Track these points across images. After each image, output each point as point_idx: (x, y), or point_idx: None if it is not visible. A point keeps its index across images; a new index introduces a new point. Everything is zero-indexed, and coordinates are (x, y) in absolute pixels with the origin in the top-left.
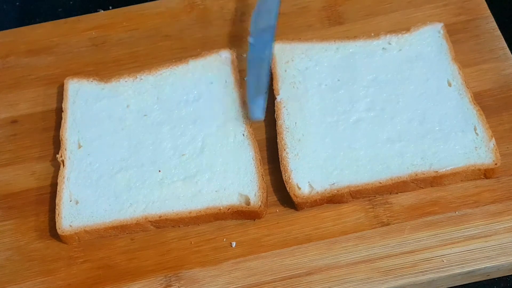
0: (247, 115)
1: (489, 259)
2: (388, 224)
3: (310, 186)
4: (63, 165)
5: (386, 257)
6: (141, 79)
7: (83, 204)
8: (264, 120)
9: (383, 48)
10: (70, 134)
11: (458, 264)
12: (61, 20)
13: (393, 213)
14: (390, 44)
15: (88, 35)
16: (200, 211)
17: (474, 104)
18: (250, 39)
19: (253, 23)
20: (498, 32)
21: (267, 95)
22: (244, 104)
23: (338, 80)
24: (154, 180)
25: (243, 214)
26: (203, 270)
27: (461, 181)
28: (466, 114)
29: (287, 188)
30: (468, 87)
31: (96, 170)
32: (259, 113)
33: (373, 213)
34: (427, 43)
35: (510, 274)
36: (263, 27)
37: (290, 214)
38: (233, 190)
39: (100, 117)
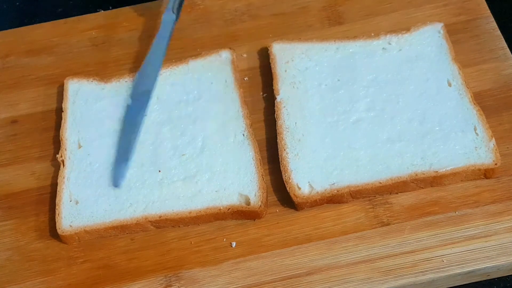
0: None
1: (489, 259)
2: (388, 224)
3: (310, 186)
4: (63, 165)
5: (386, 257)
6: None
7: (83, 204)
8: (264, 120)
9: (383, 48)
10: (70, 134)
11: (458, 264)
12: (61, 20)
13: (393, 213)
14: (390, 44)
15: (88, 35)
16: (200, 211)
17: (474, 104)
18: (129, 101)
19: (134, 86)
20: (498, 32)
21: (129, 163)
22: (242, 104)
23: (338, 80)
24: (154, 180)
25: (243, 214)
26: (203, 270)
27: (461, 181)
28: (466, 114)
29: (287, 188)
30: (468, 87)
31: (96, 170)
32: (119, 180)
33: (373, 213)
34: (427, 43)
35: (510, 274)
36: (142, 91)
37: (290, 214)
38: (233, 190)
39: (100, 117)
